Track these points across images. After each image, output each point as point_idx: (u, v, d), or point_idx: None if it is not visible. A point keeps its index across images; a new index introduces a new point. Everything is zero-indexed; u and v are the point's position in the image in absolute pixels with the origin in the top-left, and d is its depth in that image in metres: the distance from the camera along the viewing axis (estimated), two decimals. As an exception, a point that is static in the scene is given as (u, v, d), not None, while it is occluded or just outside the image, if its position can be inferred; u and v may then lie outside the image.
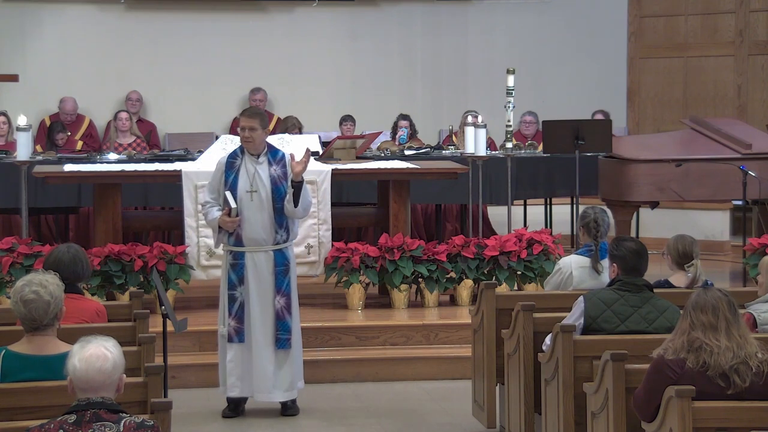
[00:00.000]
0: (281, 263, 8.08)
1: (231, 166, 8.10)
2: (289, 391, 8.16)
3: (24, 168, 10.11)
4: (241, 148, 8.15)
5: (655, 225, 13.14)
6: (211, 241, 9.89)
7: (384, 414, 8.34)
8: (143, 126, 13.92)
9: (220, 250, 9.86)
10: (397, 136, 13.34)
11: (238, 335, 8.07)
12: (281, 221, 8.06)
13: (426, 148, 12.81)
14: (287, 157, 8.12)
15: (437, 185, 11.82)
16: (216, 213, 8.06)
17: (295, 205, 7.97)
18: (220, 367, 8.22)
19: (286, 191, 8.02)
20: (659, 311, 6.32)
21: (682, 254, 7.16)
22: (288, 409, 8.22)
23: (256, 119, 8.06)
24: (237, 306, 8.07)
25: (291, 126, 12.63)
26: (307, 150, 8.09)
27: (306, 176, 9.84)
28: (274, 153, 8.14)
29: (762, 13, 14.38)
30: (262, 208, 8.02)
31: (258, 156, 8.09)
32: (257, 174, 8.04)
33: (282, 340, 8.06)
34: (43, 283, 5.21)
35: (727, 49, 14.57)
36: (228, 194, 8.00)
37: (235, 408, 8.24)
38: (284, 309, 8.07)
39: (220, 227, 8.09)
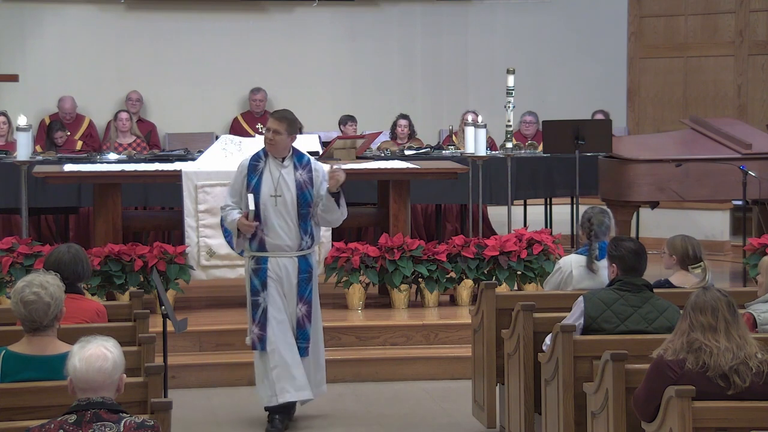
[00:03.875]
0: (305, 270, 7.81)
1: (254, 168, 7.78)
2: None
3: (24, 168, 10.12)
4: (265, 151, 7.82)
5: (655, 225, 13.14)
6: (210, 241, 9.91)
7: (384, 414, 8.34)
8: (143, 126, 13.92)
9: (220, 251, 9.90)
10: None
11: (260, 342, 7.76)
12: (306, 227, 7.76)
13: (426, 148, 12.81)
14: (313, 163, 7.83)
15: (437, 185, 11.81)
16: (235, 215, 7.74)
17: (339, 208, 7.73)
18: (262, 377, 7.82)
19: (312, 197, 7.78)
20: (659, 311, 6.33)
21: (692, 256, 7.16)
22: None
23: (283, 123, 7.71)
24: (260, 312, 7.76)
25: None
26: (341, 170, 7.74)
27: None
28: (299, 157, 7.83)
29: (762, 13, 14.38)
30: (287, 214, 7.71)
31: (283, 160, 7.77)
32: (282, 178, 7.73)
33: (300, 349, 7.81)
34: (44, 284, 5.21)
35: (727, 49, 14.57)
36: (250, 196, 7.68)
37: (283, 416, 7.89)
38: (305, 317, 7.82)
39: (239, 230, 7.75)
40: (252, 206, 7.65)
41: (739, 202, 11.52)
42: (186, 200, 10.00)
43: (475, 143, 10.86)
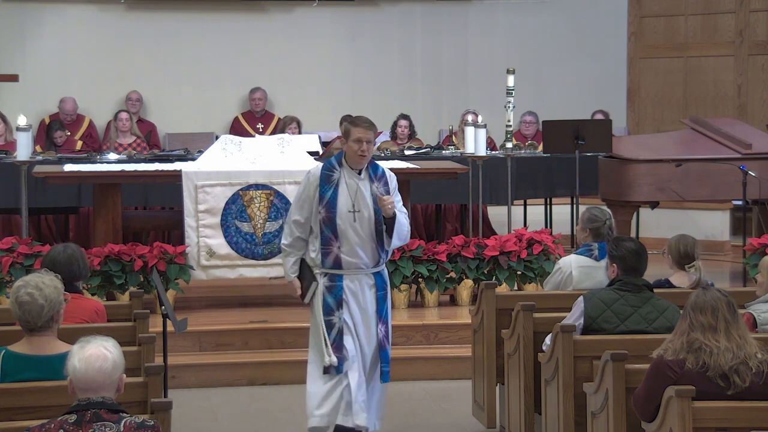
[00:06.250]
0: (381, 287, 7.13)
1: (327, 179, 7.02)
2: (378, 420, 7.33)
3: (24, 168, 10.12)
4: (338, 160, 7.08)
5: (655, 225, 13.14)
6: (210, 241, 9.90)
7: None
8: (143, 126, 13.92)
9: (220, 251, 9.88)
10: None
11: (338, 365, 7.02)
12: (382, 243, 7.08)
13: (426, 148, 12.81)
14: (388, 174, 7.15)
15: (437, 185, 11.81)
16: (291, 265, 7.12)
17: (390, 237, 7.06)
18: (315, 396, 7.09)
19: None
20: (659, 311, 6.33)
21: (684, 255, 7.17)
22: None
23: (372, 131, 7.01)
24: (335, 333, 7.04)
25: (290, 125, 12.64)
26: (388, 198, 7.04)
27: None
28: (374, 168, 7.12)
29: (762, 13, 14.38)
30: (365, 230, 7.01)
31: (359, 171, 7.05)
32: (360, 192, 7.02)
33: (383, 373, 7.15)
34: (40, 285, 5.19)
35: (727, 49, 14.57)
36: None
37: None
38: (385, 338, 7.14)
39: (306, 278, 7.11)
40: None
41: (739, 202, 11.52)
42: (186, 200, 9.99)
43: (475, 143, 10.86)
